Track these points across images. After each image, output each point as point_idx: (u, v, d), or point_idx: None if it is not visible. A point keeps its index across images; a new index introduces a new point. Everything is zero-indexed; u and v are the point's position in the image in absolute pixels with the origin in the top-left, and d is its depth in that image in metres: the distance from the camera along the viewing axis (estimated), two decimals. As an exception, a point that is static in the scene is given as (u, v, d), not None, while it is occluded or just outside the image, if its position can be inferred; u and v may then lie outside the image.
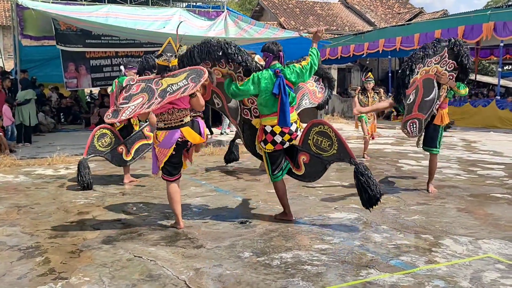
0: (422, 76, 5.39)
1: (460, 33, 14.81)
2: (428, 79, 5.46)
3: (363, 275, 3.31)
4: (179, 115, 4.29)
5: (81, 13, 9.99)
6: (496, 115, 14.24)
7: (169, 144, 4.26)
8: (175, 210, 4.46)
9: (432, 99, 5.51)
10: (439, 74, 5.46)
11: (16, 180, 6.88)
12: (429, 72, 5.43)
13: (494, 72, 26.01)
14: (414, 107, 5.48)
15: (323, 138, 4.47)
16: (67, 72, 13.66)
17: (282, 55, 4.53)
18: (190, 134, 4.31)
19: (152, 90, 4.11)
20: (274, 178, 4.63)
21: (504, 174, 7.10)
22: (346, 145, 4.37)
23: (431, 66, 5.41)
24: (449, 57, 5.49)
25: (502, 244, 3.94)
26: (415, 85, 5.36)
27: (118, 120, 4.08)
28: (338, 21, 30.50)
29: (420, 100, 5.46)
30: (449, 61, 5.50)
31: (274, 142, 4.46)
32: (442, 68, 5.49)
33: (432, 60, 5.37)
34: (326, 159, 4.50)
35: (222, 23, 11.28)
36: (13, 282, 3.24)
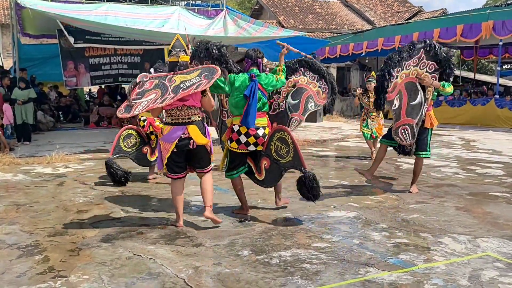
0: (403, 79, 5.40)
1: (459, 32, 14.82)
2: (410, 82, 5.44)
3: (362, 273, 3.31)
4: (188, 112, 4.30)
5: (80, 11, 9.97)
6: (495, 114, 14.25)
7: (172, 139, 4.25)
8: (176, 208, 4.48)
9: (419, 103, 5.48)
10: (420, 76, 5.44)
11: (15, 179, 6.88)
12: (409, 76, 5.43)
13: (493, 71, 26.03)
14: (402, 113, 5.47)
15: (282, 145, 4.54)
16: (66, 71, 13.68)
17: (261, 62, 4.76)
18: (195, 132, 4.29)
19: (165, 86, 4.14)
20: (227, 175, 4.86)
21: (503, 173, 7.11)
22: (300, 153, 4.44)
23: (410, 69, 5.41)
24: (428, 59, 5.45)
25: (501, 242, 3.95)
26: (397, 90, 5.38)
27: (131, 114, 4.08)
28: (337, 19, 30.48)
29: (406, 105, 5.45)
30: (428, 62, 5.45)
31: (239, 141, 4.64)
32: (422, 70, 5.46)
33: (410, 62, 5.38)
34: (282, 165, 4.57)
35: (221, 22, 11.26)
36: (13, 280, 3.24)
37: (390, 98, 5.37)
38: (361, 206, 5.22)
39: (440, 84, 5.43)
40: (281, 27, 23.78)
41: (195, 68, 4.33)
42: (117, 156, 6.34)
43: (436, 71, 5.46)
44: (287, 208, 5.10)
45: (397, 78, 5.32)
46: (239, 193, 4.87)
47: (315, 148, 10.18)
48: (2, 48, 22.91)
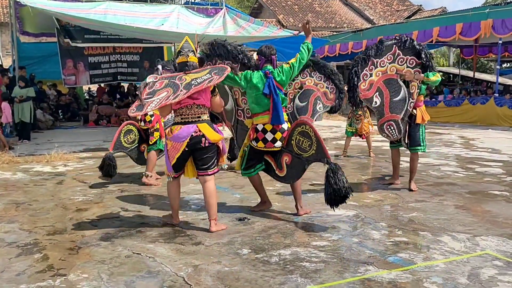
0: (379, 77, 5.40)
1: (458, 31, 14.81)
2: (390, 79, 5.46)
3: (361, 272, 3.31)
4: (198, 111, 4.25)
5: (79, 10, 9.96)
6: (495, 113, 14.25)
7: (183, 138, 4.17)
8: (172, 205, 4.49)
9: (403, 99, 5.51)
10: (401, 72, 5.45)
11: (14, 177, 6.87)
12: (387, 72, 5.43)
13: (493, 69, 26.03)
14: (385, 109, 5.51)
15: (304, 138, 4.51)
16: (66, 69, 13.67)
17: (275, 58, 4.73)
18: (207, 129, 4.23)
19: (176, 84, 4.13)
20: (245, 174, 4.86)
21: (502, 172, 7.11)
22: (324, 145, 4.42)
23: (386, 66, 5.41)
24: (405, 54, 5.46)
25: (500, 241, 3.95)
26: (374, 87, 5.38)
27: (143, 112, 4.10)
28: (336, 18, 30.48)
29: (388, 102, 5.48)
30: (407, 57, 5.47)
31: (265, 140, 4.62)
32: (402, 65, 5.47)
33: (384, 59, 5.39)
34: (305, 159, 4.54)
35: (221, 20, 11.26)
36: (12, 279, 3.24)
37: (368, 96, 5.38)
38: (360, 204, 5.22)
39: (424, 75, 5.44)
40: (280, 25, 23.79)
41: (205, 68, 4.39)
42: (117, 151, 6.31)
43: (418, 65, 5.48)
44: (287, 207, 5.10)
45: (372, 76, 5.33)
46: (258, 188, 4.91)
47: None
48: (1, 46, 22.89)
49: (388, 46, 5.41)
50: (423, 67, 5.50)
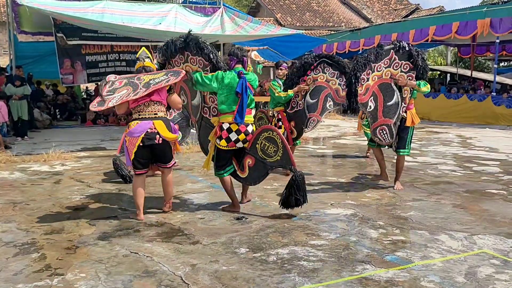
0: (375, 81, 5.40)
1: (454, 29, 14.83)
2: (384, 84, 5.47)
3: (359, 271, 3.32)
4: (155, 108, 4.53)
5: (76, 9, 9.93)
6: (492, 112, 14.26)
7: (138, 133, 4.42)
8: (136, 202, 4.66)
9: (396, 103, 5.53)
10: (395, 77, 5.47)
11: (11, 177, 6.86)
12: (382, 77, 5.44)
13: (490, 68, 26.07)
14: (379, 114, 5.53)
15: (270, 144, 4.60)
16: (63, 68, 13.61)
17: (246, 60, 4.85)
18: (161, 126, 4.49)
19: (135, 84, 4.46)
20: (217, 174, 4.92)
21: (500, 170, 7.13)
22: (290, 153, 4.53)
23: (382, 71, 5.41)
24: (401, 59, 5.45)
25: (497, 239, 3.96)
26: (370, 92, 5.39)
27: (105, 107, 4.34)
28: (334, 17, 30.49)
29: (382, 106, 5.51)
30: (402, 62, 5.46)
31: (229, 139, 4.71)
32: (397, 70, 5.48)
33: (381, 64, 5.38)
34: (269, 164, 4.65)
35: (219, 20, 11.24)
36: (9, 278, 3.24)
37: (364, 101, 5.36)
38: (358, 203, 5.22)
39: (416, 83, 5.49)
40: (278, 24, 23.79)
41: (161, 70, 4.74)
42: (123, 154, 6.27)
43: (412, 71, 5.49)
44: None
45: (368, 81, 5.32)
46: (229, 191, 4.94)
47: (312, 146, 10.19)
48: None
49: (386, 51, 5.40)
50: (416, 73, 5.51)
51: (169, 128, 4.58)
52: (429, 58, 31.34)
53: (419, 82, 5.51)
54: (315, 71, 6.16)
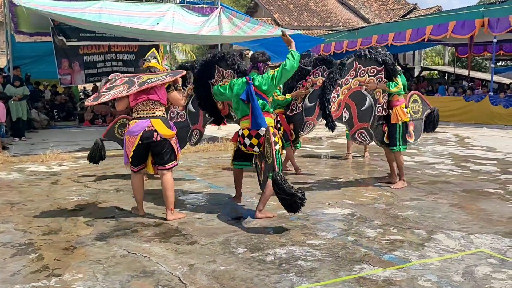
0: (345, 94, 5.51)
1: (451, 29, 14.86)
2: (354, 92, 5.57)
3: (356, 270, 3.32)
4: (153, 107, 4.58)
5: (74, 9, 9.92)
6: (489, 111, 14.30)
7: (136, 132, 4.48)
8: (136, 198, 4.80)
9: (369, 106, 5.68)
10: (364, 83, 5.55)
11: (9, 177, 6.85)
12: (351, 87, 5.53)
13: (487, 68, 26.13)
14: (354, 120, 5.68)
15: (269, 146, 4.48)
16: (61, 69, 13.60)
17: (262, 65, 4.76)
18: (159, 125, 4.53)
19: (132, 82, 4.58)
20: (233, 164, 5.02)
21: (497, 170, 7.14)
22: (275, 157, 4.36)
23: (349, 82, 5.49)
24: (366, 65, 5.49)
25: (494, 238, 3.97)
26: (342, 105, 5.52)
27: (98, 102, 4.58)
28: (332, 17, 30.51)
29: (356, 113, 5.65)
30: (368, 68, 5.51)
31: (245, 144, 4.77)
32: (364, 76, 5.53)
33: (347, 77, 5.44)
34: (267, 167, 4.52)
35: (216, 19, 11.24)
36: (6, 279, 3.23)
37: (338, 116, 5.48)
38: (355, 203, 5.23)
39: (386, 85, 5.63)
40: (276, 24, 23.77)
41: (163, 72, 4.80)
42: (107, 139, 6.31)
43: (380, 73, 5.55)
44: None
45: (339, 97, 5.43)
46: (236, 182, 5.13)
47: (310, 146, 10.20)
48: (-5, 46, 22.77)
49: (349, 64, 5.41)
50: (386, 73, 5.58)
51: (167, 125, 4.60)
52: (426, 57, 31.40)
53: (389, 84, 5.64)
54: (314, 74, 6.17)
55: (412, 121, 6.09)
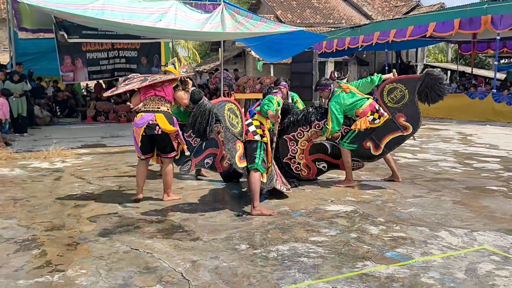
0: (306, 146, 6.04)
1: (456, 26, 14.82)
2: (312, 146, 6.07)
3: (359, 267, 3.32)
4: (158, 102, 5.00)
5: (76, 5, 9.90)
6: (492, 108, 14.26)
7: (141, 124, 4.93)
8: (138, 182, 5.20)
9: (332, 145, 6.10)
10: (312, 137, 6.00)
11: (12, 173, 6.86)
12: (310, 139, 6.02)
13: (491, 65, 26.04)
14: (331, 161, 6.17)
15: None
16: (64, 65, 13.62)
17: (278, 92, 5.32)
18: (162, 119, 4.92)
19: (146, 79, 5.09)
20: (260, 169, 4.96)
21: (500, 167, 7.13)
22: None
23: (304, 135, 5.99)
24: (303, 124, 5.94)
25: (497, 236, 3.97)
26: (312, 164, 6.11)
27: (111, 94, 5.34)
28: (335, 14, 30.42)
29: (328, 157, 6.15)
30: (307, 126, 5.96)
31: None
32: (302, 137, 6.00)
33: (300, 131, 5.99)
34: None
35: (219, 16, 11.21)
36: (10, 275, 3.24)
37: (315, 173, 6.16)
38: (358, 200, 5.23)
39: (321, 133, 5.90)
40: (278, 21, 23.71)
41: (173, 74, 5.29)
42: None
43: (308, 123, 5.96)
44: (285, 202, 5.11)
45: (297, 156, 6.04)
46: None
47: (313, 143, 10.18)
48: (-2, 42, 22.79)
49: (293, 128, 5.97)
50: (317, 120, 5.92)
51: (170, 121, 4.97)
52: (429, 55, 31.33)
53: (323, 130, 5.85)
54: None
55: (400, 113, 5.74)
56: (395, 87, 5.81)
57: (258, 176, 4.71)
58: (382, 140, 5.81)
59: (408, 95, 5.75)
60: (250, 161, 4.74)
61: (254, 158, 4.72)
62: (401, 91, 5.77)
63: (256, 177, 4.69)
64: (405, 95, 5.76)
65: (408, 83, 5.78)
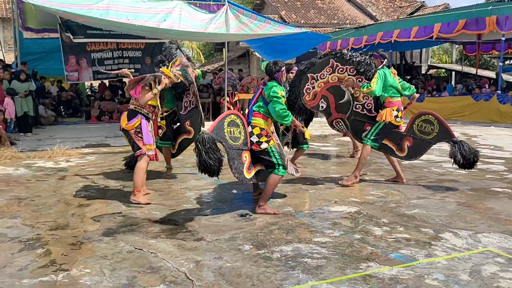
0: (322, 87, 5.94)
1: (460, 27, 14.76)
2: (333, 86, 5.98)
3: (363, 268, 3.32)
4: (132, 100, 5.27)
5: (81, 6, 9.93)
6: (497, 110, 14.21)
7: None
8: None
9: (348, 101, 6.08)
10: (343, 80, 5.91)
11: (16, 173, 6.89)
12: (329, 82, 5.94)
13: (495, 66, 25.95)
14: (332, 110, 6.10)
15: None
16: (68, 65, 13.64)
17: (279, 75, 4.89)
18: (124, 117, 5.24)
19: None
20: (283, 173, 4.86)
21: (504, 169, 7.10)
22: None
23: (326, 77, 5.91)
24: (344, 64, 5.89)
25: (502, 238, 3.95)
26: (319, 96, 5.97)
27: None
28: (339, 14, 30.39)
29: (334, 104, 6.06)
30: (347, 67, 5.91)
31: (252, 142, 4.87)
32: (343, 74, 5.92)
33: (324, 72, 5.89)
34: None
35: (223, 16, 11.22)
36: (14, 274, 3.25)
37: (313, 105, 5.98)
38: (362, 201, 5.22)
39: (360, 85, 5.84)
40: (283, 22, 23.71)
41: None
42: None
43: (359, 73, 5.90)
44: (288, 203, 5.10)
45: (314, 88, 5.91)
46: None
47: (317, 144, 10.18)
48: (3, 42, 22.89)
49: (324, 61, 5.89)
50: (363, 74, 5.89)
51: (129, 118, 5.17)
52: (434, 55, 31.23)
53: (363, 85, 5.80)
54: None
55: (410, 137, 6.00)
56: (432, 123, 5.99)
57: (278, 180, 4.76)
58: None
59: (432, 137, 5.99)
60: (270, 167, 4.71)
61: (274, 164, 4.68)
62: (433, 130, 5.99)
63: (276, 180, 4.73)
64: (431, 134, 5.99)
65: (443, 132, 5.95)
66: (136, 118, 5.16)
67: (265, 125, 4.78)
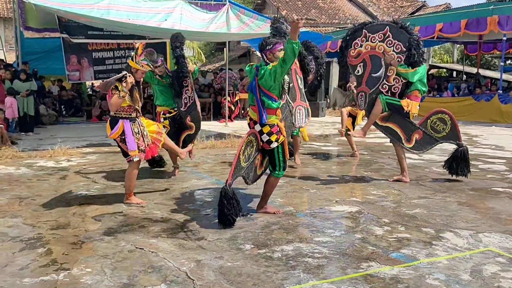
0: (367, 50, 5.95)
1: (462, 27, 14.75)
2: (376, 56, 5.93)
3: (364, 268, 3.32)
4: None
5: (82, 5, 9.94)
6: (499, 110, 14.20)
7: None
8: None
9: (379, 77, 5.97)
10: (387, 53, 5.86)
11: (17, 172, 6.89)
12: (375, 49, 5.92)
13: (497, 66, 25.93)
14: (363, 81, 6.06)
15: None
16: (69, 65, 13.66)
17: (265, 52, 4.44)
18: (107, 125, 5.03)
19: None
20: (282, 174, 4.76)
21: (505, 168, 7.10)
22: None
23: (375, 42, 5.90)
24: (395, 38, 5.80)
25: (503, 237, 3.95)
26: (361, 58, 5.99)
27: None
28: (340, 14, 30.37)
29: (368, 75, 6.01)
30: (395, 42, 5.82)
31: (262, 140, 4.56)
32: (390, 48, 5.86)
33: (376, 36, 5.85)
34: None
35: (224, 16, 11.23)
36: (15, 273, 3.25)
37: (353, 63, 6.00)
38: (363, 200, 5.22)
39: (397, 64, 5.78)
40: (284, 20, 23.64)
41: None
42: None
43: (402, 53, 5.79)
44: (289, 203, 5.10)
45: (361, 47, 5.94)
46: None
47: (318, 143, 10.18)
48: (4, 41, 22.90)
49: (381, 26, 5.89)
50: (407, 56, 5.77)
51: (111, 126, 4.96)
52: (435, 55, 31.20)
53: (401, 64, 5.77)
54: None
55: (421, 131, 6.09)
56: (446, 123, 6.13)
57: (277, 182, 4.72)
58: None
59: (441, 136, 6.14)
60: (272, 167, 4.60)
61: (275, 166, 4.54)
62: (444, 130, 6.14)
63: (275, 183, 4.68)
64: (441, 133, 6.13)
65: (453, 134, 6.14)
66: (117, 125, 4.92)
67: (275, 119, 4.43)
